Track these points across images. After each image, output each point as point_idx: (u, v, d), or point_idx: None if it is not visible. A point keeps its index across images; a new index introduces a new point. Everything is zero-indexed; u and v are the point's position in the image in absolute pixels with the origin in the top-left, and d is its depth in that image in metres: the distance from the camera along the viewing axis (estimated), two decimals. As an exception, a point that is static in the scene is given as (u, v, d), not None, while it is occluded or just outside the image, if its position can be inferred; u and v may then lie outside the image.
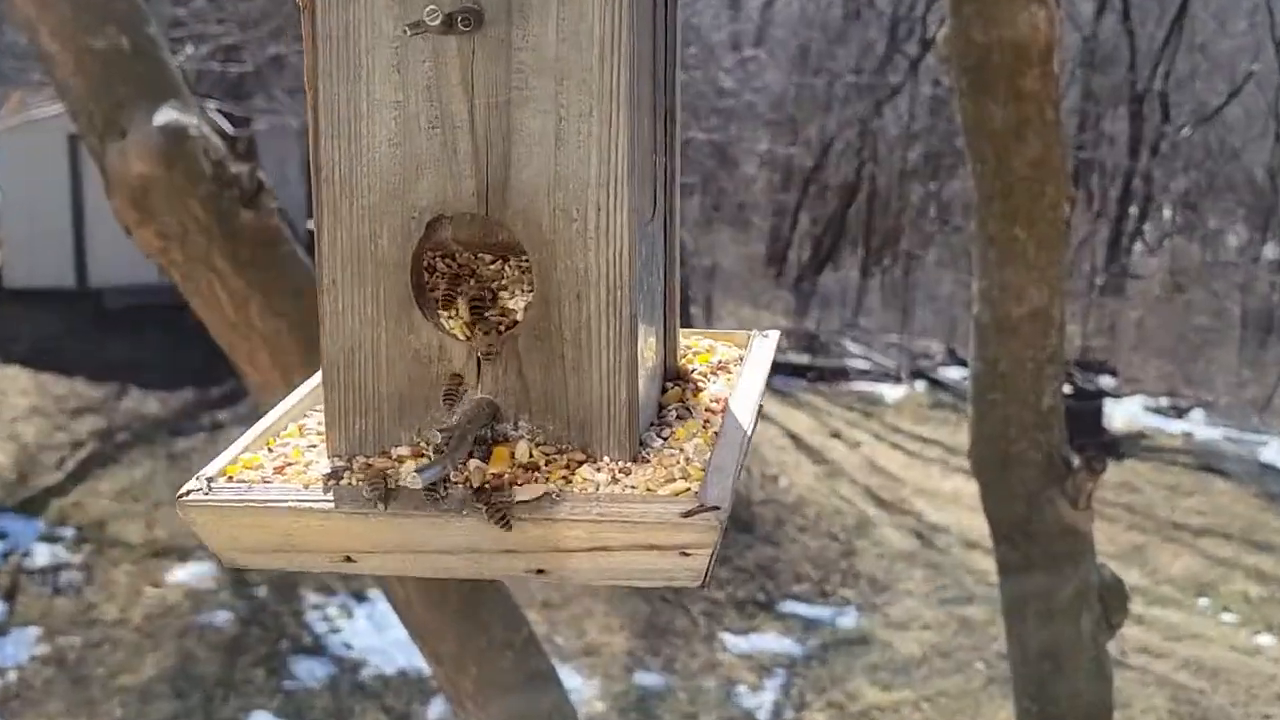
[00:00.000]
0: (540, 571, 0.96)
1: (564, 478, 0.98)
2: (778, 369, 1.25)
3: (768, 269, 16.07)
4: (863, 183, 15.84)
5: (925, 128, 15.28)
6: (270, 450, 1.09)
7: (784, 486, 10.04)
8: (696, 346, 1.26)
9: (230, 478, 1.04)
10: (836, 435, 11.21)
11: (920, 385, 12.57)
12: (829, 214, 16.10)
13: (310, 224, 1.13)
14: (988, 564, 8.03)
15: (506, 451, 1.00)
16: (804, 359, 12.77)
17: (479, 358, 1.00)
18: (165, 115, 2.47)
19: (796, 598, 8.52)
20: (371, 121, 0.98)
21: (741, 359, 1.22)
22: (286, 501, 0.99)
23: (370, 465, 1.01)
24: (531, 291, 1.01)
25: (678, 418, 1.09)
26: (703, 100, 12.66)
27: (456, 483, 0.96)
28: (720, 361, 1.23)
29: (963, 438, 3.17)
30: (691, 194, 13.49)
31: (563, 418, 1.00)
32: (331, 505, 0.98)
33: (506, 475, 0.97)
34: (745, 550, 8.95)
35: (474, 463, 0.98)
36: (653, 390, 1.10)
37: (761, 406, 1.17)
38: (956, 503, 9.66)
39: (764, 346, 1.25)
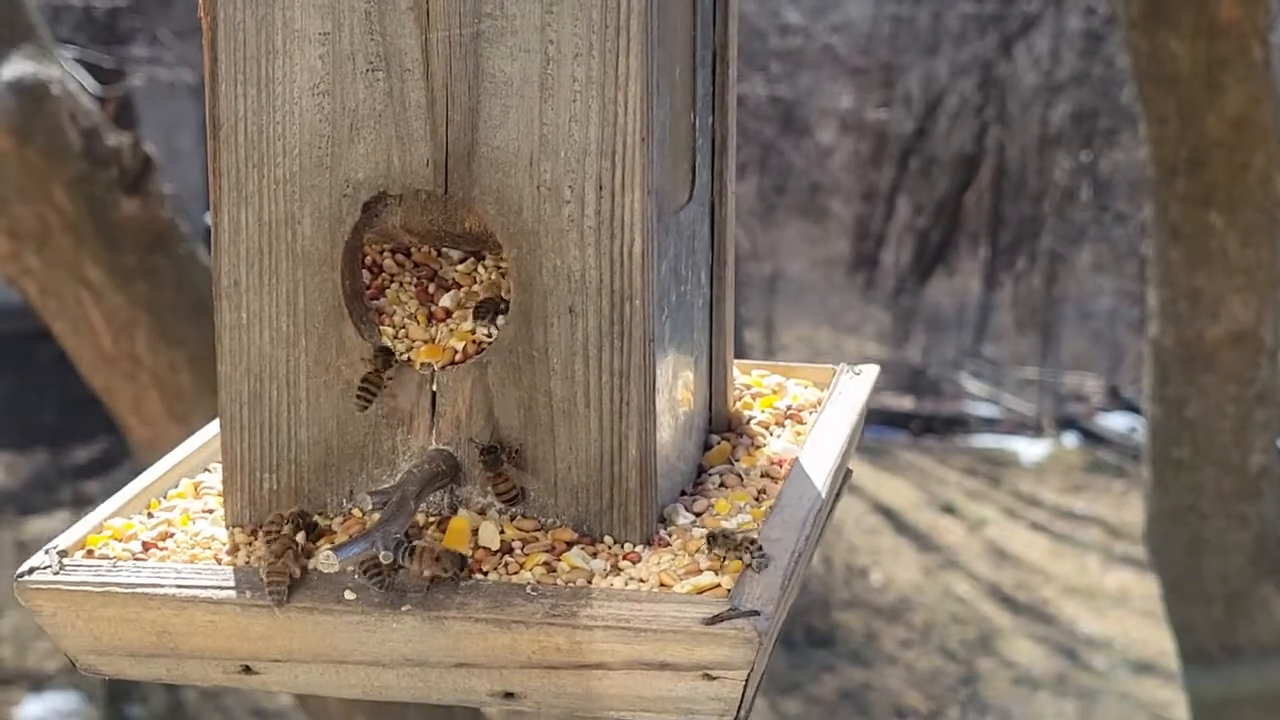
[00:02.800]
0: (509, 695, 0.95)
1: (545, 565, 0.98)
2: (868, 417, 1.24)
3: (852, 276, 16.06)
4: (985, 154, 15.82)
5: (1074, 75, 15.26)
6: (150, 515, 1.12)
7: (877, 584, 10.01)
8: (759, 386, 1.27)
9: (90, 551, 1.06)
10: (951, 510, 11.17)
11: (1070, 439, 12.51)
12: (938, 199, 16.08)
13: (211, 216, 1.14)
14: (1170, 694, 7.96)
15: (466, 525, 1.01)
16: (905, 403, 12.74)
17: (433, 392, 1.01)
18: (17, 68, 2.51)
19: (898, 741, 8.47)
20: (289, 60, 0.99)
21: (821, 404, 1.22)
22: (162, 587, 1.00)
23: (272, 539, 1.02)
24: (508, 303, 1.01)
25: (722, 485, 1.09)
26: (758, 39, 12.70)
27: (392, 568, 0.96)
28: (791, 407, 1.23)
29: (1133, 513, 3.13)
30: (744, 172, 13.53)
31: (548, 480, 1.00)
32: (225, 593, 0.98)
33: (465, 559, 0.97)
34: (823, 673, 8.91)
35: (420, 543, 0.98)
36: (687, 445, 1.10)
37: (849, 473, 1.16)
38: (1123, 606, 9.59)
39: (854, 387, 1.25)
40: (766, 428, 1.19)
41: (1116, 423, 12.51)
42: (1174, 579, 3.12)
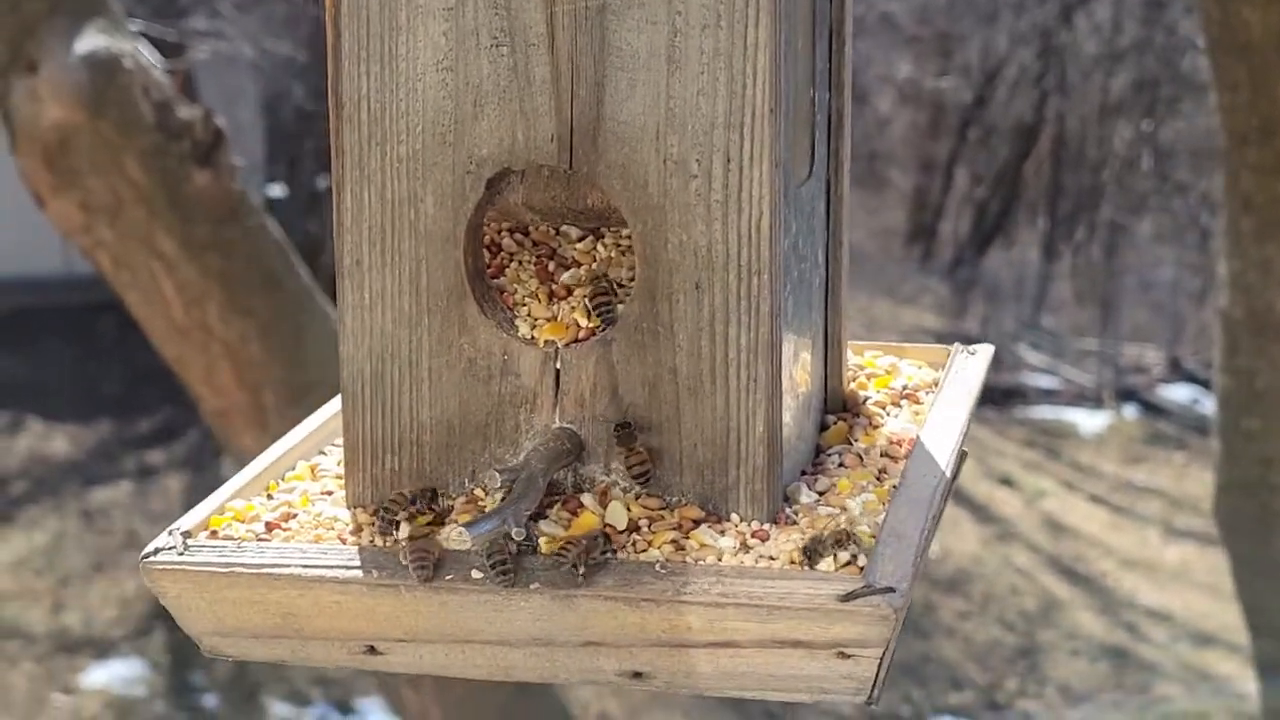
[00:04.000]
0: (637, 675, 0.94)
1: (673, 543, 0.97)
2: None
3: (910, 247, 15.98)
4: (1045, 124, 15.68)
5: (1136, 42, 15.09)
6: (270, 497, 1.11)
7: (936, 555, 9.99)
8: (873, 366, 1.26)
9: (214, 532, 1.06)
10: (1009, 483, 11.12)
11: (1131, 411, 12.42)
12: (997, 169, 15.96)
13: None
14: (1233, 667, 7.92)
15: (594, 519, 1.00)
16: (963, 374, 12.68)
17: (556, 370, 1.01)
18: (91, 41, 2.54)
19: (956, 711, 8.46)
20: (412, 36, 0.98)
21: (937, 384, 1.22)
22: (288, 567, 0.99)
23: (391, 516, 1.01)
24: (633, 279, 1.00)
25: (842, 465, 1.09)
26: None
27: (523, 547, 0.96)
28: (907, 387, 1.22)
29: (1195, 485, 3.11)
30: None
31: (673, 458, 0.99)
32: (351, 573, 0.98)
33: (607, 536, 0.97)
34: (882, 645, 8.92)
35: (545, 523, 0.98)
36: (807, 425, 1.10)
37: (964, 454, 1.16)
38: (1184, 579, 9.52)
39: (970, 367, 1.25)
40: (883, 408, 1.19)
41: (1177, 394, 12.41)
42: (1243, 552, 3.10)
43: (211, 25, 11.03)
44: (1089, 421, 12.20)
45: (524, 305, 1.06)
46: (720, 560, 0.96)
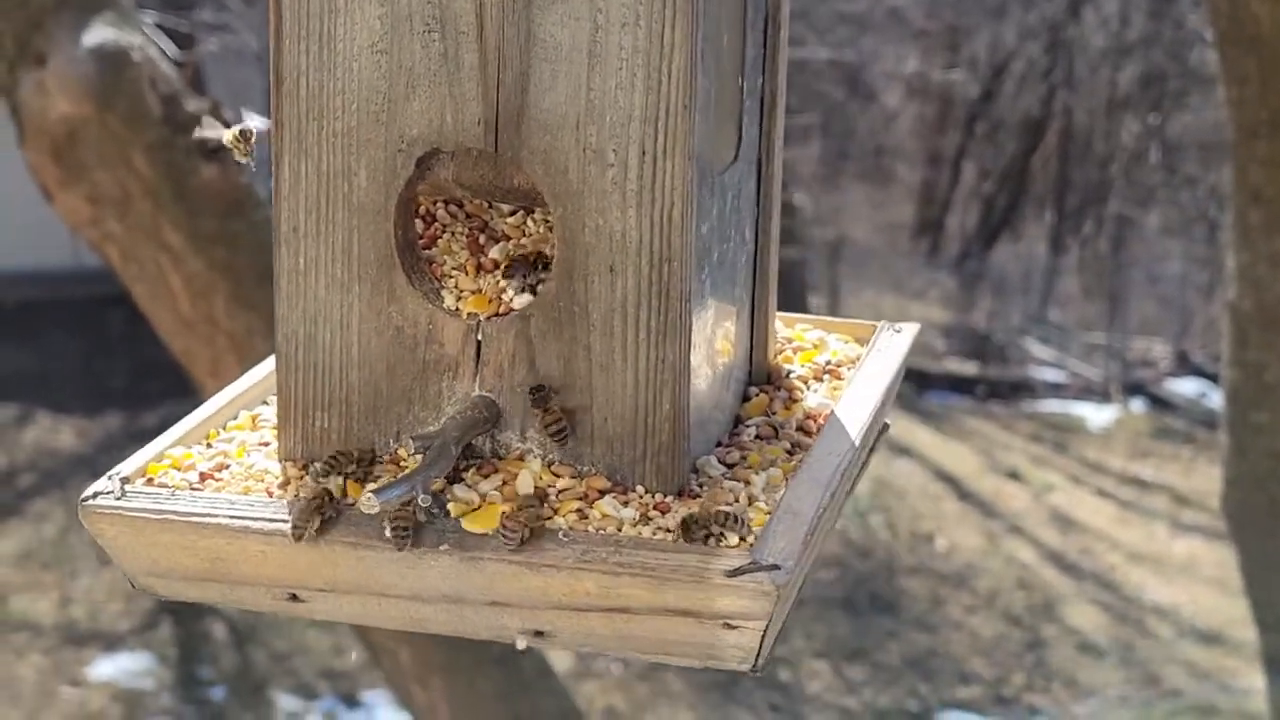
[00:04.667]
0: (540, 634, 1.00)
1: (578, 511, 1.02)
2: (932, 382, 1.25)
3: (918, 241, 15.98)
4: (1053, 118, 15.67)
5: (1144, 36, 15.08)
6: (209, 445, 1.16)
7: (942, 550, 9.98)
8: (801, 340, 1.29)
9: (151, 479, 1.10)
10: (1016, 477, 11.12)
11: (1138, 405, 12.41)
12: (1004, 163, 15.95)
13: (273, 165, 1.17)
14: (1237, 663, 7.91)
15: (509, 471, 1.04)
16: (970, 368, 12.67)
17: (478, 341, 1.04)
18: (99, 34, 2.54)
19: (963, 706, 8.45)
20: (349, 19, 1.02)
21: (859, 360, 1.24)
22: (216, 517, 1.04)
23: (307, 478, 1.05)
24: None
25: (757, 437, 1.13)
26: (823, 2, 12.63)
27: (431, 512, 1.00)
28: (831, 362, 1.25)
29: (1202, 480, 3.11)
30: (808, 137, 13.46)
31: (584, 430, 1.04)
32: (275, 525, 1.03)
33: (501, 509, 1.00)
34: (888, 640, 8.90)
35: (459, 488, 1.02)
36: (725, 396, 1.13)
37: (885, 427, 1.18)
38: (1190, 573, 9.52)
39: (894, 344, 1.27)
40: (805, 382, 1.22)
41: (1185, 388, 12.40)
42: (1251, 546, 3.09)
43: (218, 18, 11.04)
44: (1096, 415, 12.19)
45: (451, 277, 1.10)
46: (620, 530, 1.00)
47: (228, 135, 1.20)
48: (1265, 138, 2.81)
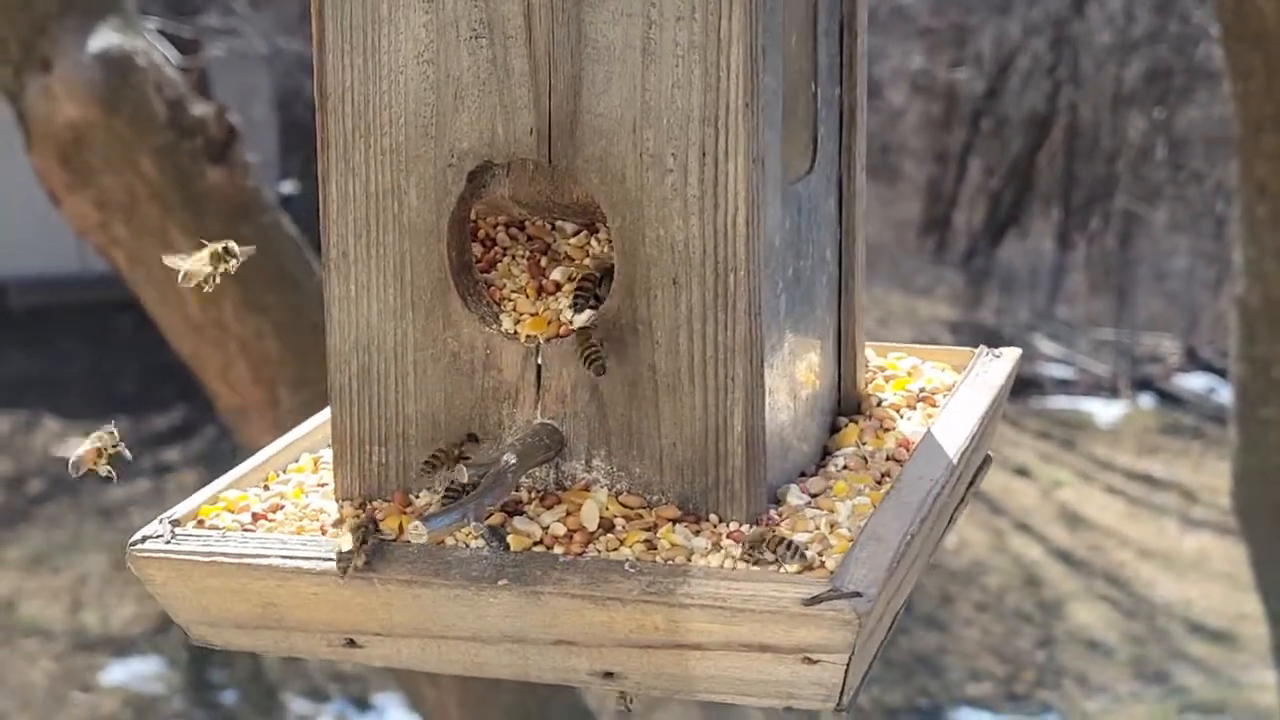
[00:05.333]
0: (609, 675, 0.94)
1: (645, 542, 0.96)
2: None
3: (924, 239, 15.96)
4: (1058, 114, 15.64)
5: (1149, 32, 15.05)
6: (266, 488, 1.12)
7: (951, 547, 9.97)
8: (894, 368, 1.24)
9: (201, 521, 1.07)
10: (1025, 473, 11.10)
11: (1147, 400, 12.39)
12: (1011, 160, 15.93)
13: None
14: (1248, 657, 7.90)
15: (573, 502, 1.00)
16: (978, 365, 12.65)
17: (538, 365, 0.98)
18: (104, 39, 2.55)
19: (974, 703, 8.45)
20: (394, 29, 0.98)
21: (954, 387, 1.19)
22: (267, 557, 1.00)
23: (361, 511, 1.02)
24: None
25: (845, 468, 1.07)
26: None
27: (492, 546, 0.95)
28: (925, 389, 1.19)
29: (1212, 475, 3.10)
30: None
31: (653, 456, 0.98)
32: (328, 564, 0.98)
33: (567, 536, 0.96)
34: (898, 637, 8.90)
35: (519, 520, 0.98)
36: (810, 426, 1.08)
37: (988, 459, 1.13)
38: (1200, 569, 9.50)
39: (993, 369, 1.22)
40: (898, 410, 1.16)
41: (1194, 383, 12.37)
42: (1261, 541, 3.08)
43: (225, 22, 11.05)
44: (1105, 412, 12.17)
45: (510, 300, 1.06)
46: (689, 561, 0.95)
47: (86, 449, 1.15)
48: (1271, 132, 2.81)
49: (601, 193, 0.96)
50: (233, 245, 1.08)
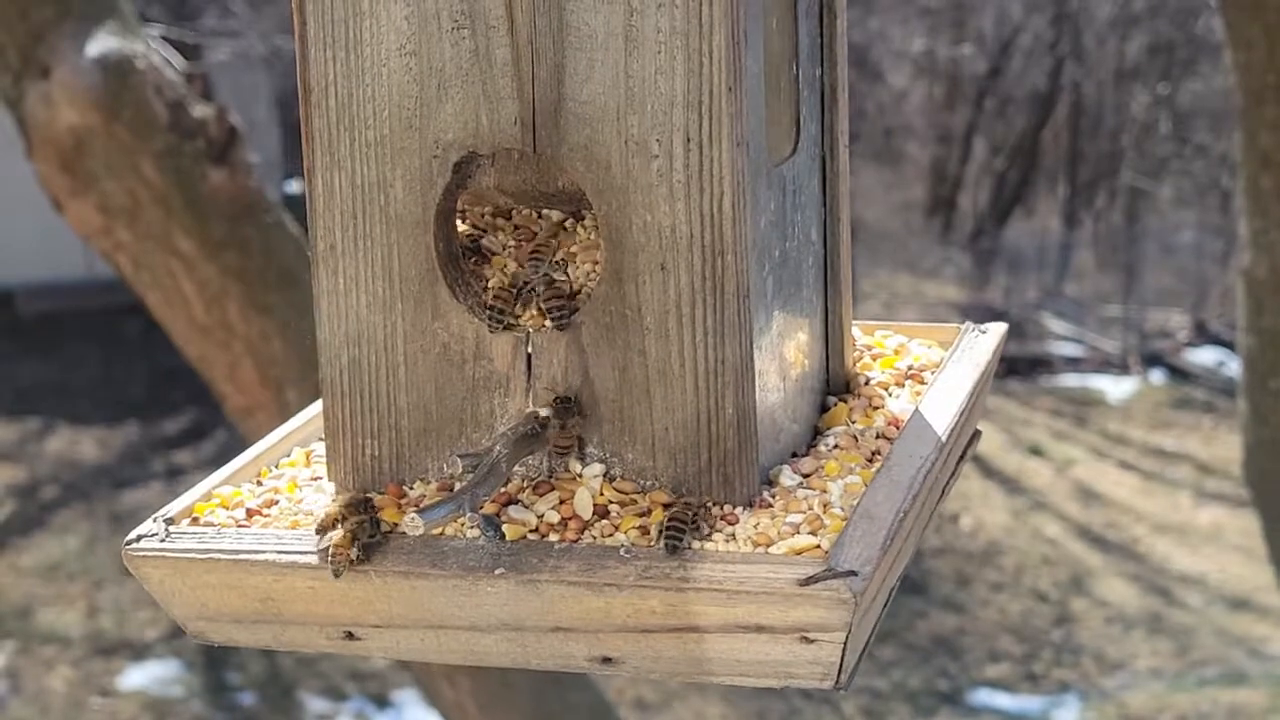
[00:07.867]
0: (608, 660, 0.94)
1: (640, 528, 0.97)
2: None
3: (930, 220, 15.95)
4: (1061, 91, 15.62)
5: (1150, 5, 15.03)
6: (260, 483, 1.12)
7: (967, 528, 9.97)
8: (880, 347, 1.24)
9: (196, 518, 1.07)
10: (1038, 452, 11.11)
11: (1157, 376, 12.39)
12: (1015, 139, 15.91)
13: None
14: (1266, 629, 7.89)
15: (566, 489, 1.00)
16: (988, 346, 12.64)
17: (528, 354, 1.00)
18: (103, 43, 2.55)
19: (993, 684, 8.45)
20: (376, 21, 0.98)
21: (942, 363, 1.19)
22: (263, 552, 1.00)
23: (351, 503, 1.01)
24: (598, 269, 0.99)
25: (836, 447, 1.07)
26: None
27: (488, 535, 0.96)
28: (913, 367, 1.20)
29: (1224, 448, 3.10)
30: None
31: (645, 442, 0.99)
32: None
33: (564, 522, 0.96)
34: (916, 620, 8.89)
35: (514, 509, 0.98)
36: (801, 406, 1.08)
37: (977, 434, 1.13)
38: (1216, 542, 9.50)
39: (979, 345, 1.22)
40: (886, 388, 1.16)
41: (1204, 357, 12.36)
42: (1275, 512, 3.08)
43: (224, 24, 11.06)
44: (1116, 388, 12.16)
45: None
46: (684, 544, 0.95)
47: (340, 536, 1.12)
48: (1273, 102, 2.80)
49: (587, 180, 0.97)
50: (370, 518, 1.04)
